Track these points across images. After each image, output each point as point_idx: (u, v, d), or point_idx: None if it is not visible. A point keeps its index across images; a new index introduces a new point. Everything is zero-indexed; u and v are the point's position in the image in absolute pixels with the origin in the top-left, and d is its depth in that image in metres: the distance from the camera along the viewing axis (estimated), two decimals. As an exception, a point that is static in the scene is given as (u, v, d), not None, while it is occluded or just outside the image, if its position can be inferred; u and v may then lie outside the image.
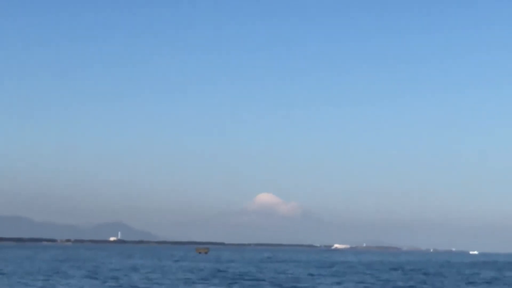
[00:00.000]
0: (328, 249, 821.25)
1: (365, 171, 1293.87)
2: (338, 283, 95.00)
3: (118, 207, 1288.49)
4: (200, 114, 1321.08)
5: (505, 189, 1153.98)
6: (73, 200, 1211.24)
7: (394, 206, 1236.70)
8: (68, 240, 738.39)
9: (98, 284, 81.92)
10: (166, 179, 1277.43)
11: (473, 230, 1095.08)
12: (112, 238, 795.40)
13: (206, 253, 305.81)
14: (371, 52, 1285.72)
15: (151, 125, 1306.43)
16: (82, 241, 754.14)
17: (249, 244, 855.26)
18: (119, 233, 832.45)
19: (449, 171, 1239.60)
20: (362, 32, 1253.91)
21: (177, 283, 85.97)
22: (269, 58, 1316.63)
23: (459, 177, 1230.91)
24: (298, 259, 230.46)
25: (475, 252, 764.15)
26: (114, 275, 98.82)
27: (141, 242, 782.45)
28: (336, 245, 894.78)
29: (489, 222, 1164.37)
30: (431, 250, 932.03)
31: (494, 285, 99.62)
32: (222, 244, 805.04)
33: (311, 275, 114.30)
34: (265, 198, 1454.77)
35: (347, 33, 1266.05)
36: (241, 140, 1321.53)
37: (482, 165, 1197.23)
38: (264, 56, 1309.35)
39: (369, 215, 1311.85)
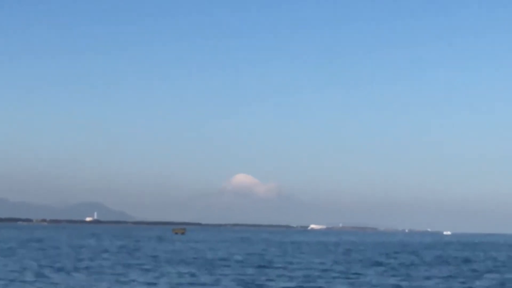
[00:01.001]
0: (304, 229, 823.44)
1: (342, 152, 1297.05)
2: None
3: (95, 187, 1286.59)
4: (177, 96, 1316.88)
5: (478, 172, 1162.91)
6: (50, 180, 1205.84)
7: (370, 187, 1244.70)
8: (43, 220, 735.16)
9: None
10: (143, 160, 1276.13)
11: (448, 212, 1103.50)
12: (88, 219, 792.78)
13: (183, 233, 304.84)
14: (352, 35, 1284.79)
15: (128, 106, 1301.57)
16: (58, 221, 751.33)
17: (226, 225, 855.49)
18: (95, 213, 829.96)
19: (425, 153, 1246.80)
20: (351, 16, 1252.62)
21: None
22: (251, 42, 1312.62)
23: (435, 159, 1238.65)
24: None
25: (448, 233, 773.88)
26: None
27: (117, 222, 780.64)
28: (313, 226, 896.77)
29: (463, 204, 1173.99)
30: (407, 231, 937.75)
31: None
32: (199, 224, 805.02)
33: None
34: (242, 179, 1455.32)
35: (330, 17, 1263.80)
36: (218, 121, 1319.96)
37: (457, 148, 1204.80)
38: (246, 41, 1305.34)
39: (346, 196, 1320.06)
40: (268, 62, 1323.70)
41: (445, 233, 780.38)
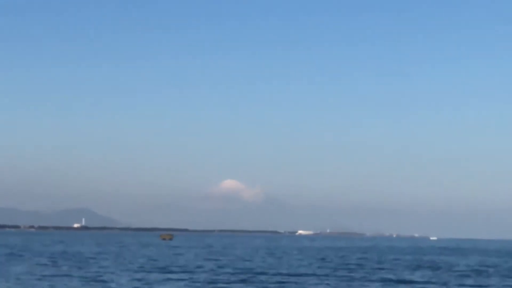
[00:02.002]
0: (292, 235, 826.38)
1: (329, 156, 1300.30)
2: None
3: (83, 193, 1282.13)
4: (162, 100, 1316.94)
5: (467, 177, 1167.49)
6: (37, 186, 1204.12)
7: (358, 192, 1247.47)
8: (31, 227, 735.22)
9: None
10: (131, 165, 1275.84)
11: (435, 217, 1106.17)
12: (76, 225, 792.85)
13: (170, 239, 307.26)
14: (328, 30, 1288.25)
15: (116, 112, 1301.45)
16: (45, 227, 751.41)
17: (213, 231, 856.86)
18: (83, 219, 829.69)
19: (412, 158, 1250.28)
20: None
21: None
22: (237, 46, 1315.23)
23: (422, 164, 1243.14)
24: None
25: (435, 238, 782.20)
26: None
27: (104, 228, 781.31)
28: (300, 231, 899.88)
29: (451, 209, 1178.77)
30: (394, 236, 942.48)
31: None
32: (186, 230, 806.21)
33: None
34: (229, 184, 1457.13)
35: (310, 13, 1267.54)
36: (205, 125, 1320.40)
37: (445, 152, 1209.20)
38: (235, 52, 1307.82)
39: (333, 201, 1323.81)
40: (254, 65, 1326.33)
41: (431, 238, 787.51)
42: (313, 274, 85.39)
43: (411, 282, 78.74)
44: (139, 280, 73.31)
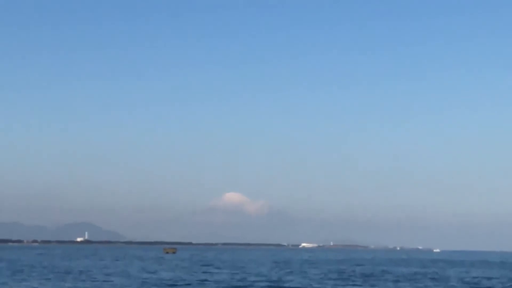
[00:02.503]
0: (295, 248, 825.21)
1: (333, 169, 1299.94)
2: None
3: (86, 207, 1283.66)
4: (165, 114, 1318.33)
5: (471, 189, 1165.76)
6: (41, 201, 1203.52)
7: (362, 205, 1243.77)
8: (34, 241, 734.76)
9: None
10: (133, 179, 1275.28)
11: (440, 229, 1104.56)
12: (79, 239, 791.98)
13: (174, 253, 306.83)
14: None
15: (119, 127, 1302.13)
16: (49, 242, 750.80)
17: (217, 244, 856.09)
18: (86, 233, 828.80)
19: (416, 171, 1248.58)
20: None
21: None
22: (238, 71, 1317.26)
23: (426, 177, 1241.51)
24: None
25: (438, 250, 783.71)
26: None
27: (108, 242, 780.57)
28: (304, 244, 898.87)
29: (456, 221, 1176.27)
30: (398, 248, 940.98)
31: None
32: (190, 244, 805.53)
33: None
34: (232, 197, 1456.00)
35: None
36: (208, 138, 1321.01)
37: (450, 164, 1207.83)
38: (233, 70, 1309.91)
39: (337, 214, 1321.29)
40: (258, 78, 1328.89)
41: (434, 250, 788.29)
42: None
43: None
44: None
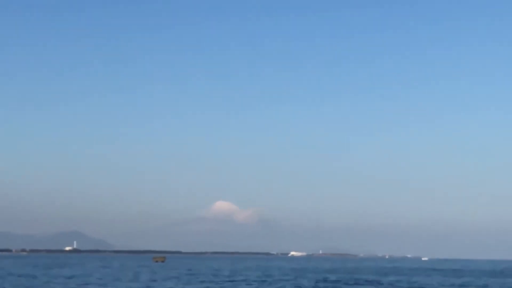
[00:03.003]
0: (284, 256, 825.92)
1: (322, 178, 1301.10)
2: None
3: (74, 216, 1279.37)
4: (154, 124, 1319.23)
5: (460, 199, 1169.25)
6: (30, 210, 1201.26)
7: (351, 214, 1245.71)
8: (23, 250, 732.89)
9: None
10: (123, 189, 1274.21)
11: (428, 238, 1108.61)
12: (67, 248, 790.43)
13: (163, 261, 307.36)
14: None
15: (107, 135, 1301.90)
16: (37, 250, 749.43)
17: (206, 253, 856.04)
18: (75, 242, 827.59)
19: (405, 180, 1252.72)
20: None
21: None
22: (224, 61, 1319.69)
23: (415, 187, 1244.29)
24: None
25: (426, 259, 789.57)
26: None
27: (96, 251, 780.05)
28: (293, 253, 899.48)
29: (444, 230, 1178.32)
30: (387, 257, 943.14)
31: None
32: (179, 252, 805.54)
33: None
34: (222, 206, 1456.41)
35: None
36: (197, 148, 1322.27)
37: (439, 172, 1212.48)
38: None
39: (326, 223, 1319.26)
40: (245, 89, 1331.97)
41: (423, 259, 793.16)
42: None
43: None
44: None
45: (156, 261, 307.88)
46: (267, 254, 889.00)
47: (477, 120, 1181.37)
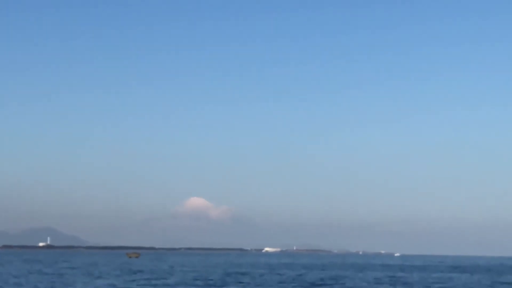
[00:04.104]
0: (258, 252, 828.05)
1: (296, 174, 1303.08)
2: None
3: (48, 212, 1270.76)
4: (130, 118, 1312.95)
5: (434, 194, 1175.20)
6: (2, 206, 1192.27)
7: (325, 210, 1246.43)
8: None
9: None
10: (96, 184, 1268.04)
11: (401, 234, 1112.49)
12: (41, 244, 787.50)
13: (137, 257, 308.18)
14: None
15: (81, 130, 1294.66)
16: (10, 246, 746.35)
17: (180, 248, 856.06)
18: (48, 238, 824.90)
19: (378, 176, 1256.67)
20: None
21: None
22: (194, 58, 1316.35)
23: (389, 183, 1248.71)
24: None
25: (398, 254, 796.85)
26: None
27: (70, 247, 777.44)
28: (267, 249, 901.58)
29: (417, 226, 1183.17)
30: (361, 253, 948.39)
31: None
32: (153, 248, 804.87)
33: None
34: (195, 202, 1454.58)
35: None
36: (171, 144, 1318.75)
37: (411, 169, 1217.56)
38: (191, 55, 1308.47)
39: (300, 219, 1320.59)
40: (219, 87, 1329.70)
41: (395, 255, 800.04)
42: None
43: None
44: None
45: (130, 257, 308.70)
46: (241, 250, 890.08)
47: (451, 118, 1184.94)
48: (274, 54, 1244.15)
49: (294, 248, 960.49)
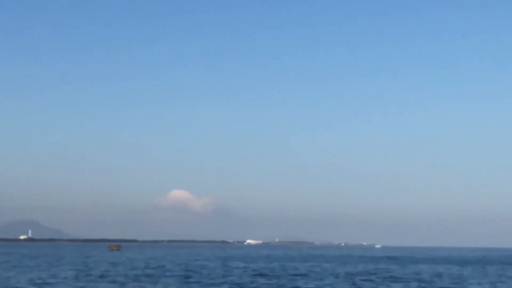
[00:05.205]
0: (241, 244, 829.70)
1: (277, 166, 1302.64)
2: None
3: (30, 205, 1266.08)
4: (109, 109, 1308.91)
5: (414, 186, 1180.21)
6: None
7: (308, 202, 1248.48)
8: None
9: None
10: (78, 177, 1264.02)
11: (383, 226, 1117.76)
12: (22, 237, 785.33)
13: (118, 250, 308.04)
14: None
15: (61, 123, 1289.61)
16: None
17: (162, 241, 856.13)
18: (30, 231, 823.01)
19: (361, 167, 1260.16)
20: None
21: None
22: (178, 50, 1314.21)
23: (370, 175, 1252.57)
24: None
25: (379, 246, 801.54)
26: None
27: (52, 240, 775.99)
28: (249, 241, 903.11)
29: (398, 218, 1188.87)
30: (343, 244, 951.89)
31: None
32: (135, 241, 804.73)
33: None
34: (177, 194, 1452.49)
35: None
36: (153, 136, 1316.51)
37: (392, 161, 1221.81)
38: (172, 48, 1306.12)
39: (282, 211, 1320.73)
40: (201, 78, 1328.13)
41: (376, 246, 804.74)
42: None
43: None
44: None
45: (112, 250, 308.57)
46: (223, 242, 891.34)
47: (425, 111, 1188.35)
48: (256, 44, 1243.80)
49: (276, 240, 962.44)
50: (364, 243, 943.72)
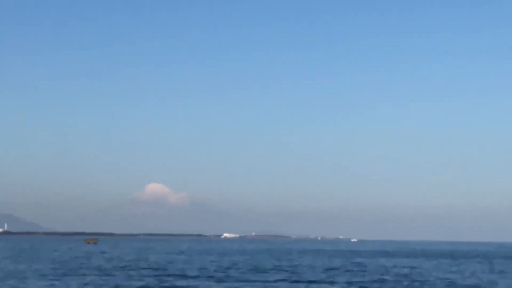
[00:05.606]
0: (217, 238, 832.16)
1: (254, 160, 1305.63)
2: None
3: (5, 199, 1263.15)
4: (86, 102, 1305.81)
5: (392, 182, 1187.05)
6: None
7: (284, 196, 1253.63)
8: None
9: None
10: (54, 170, 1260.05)
11: (360, 219, 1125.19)
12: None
13: (95, 243, 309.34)
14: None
15: (39, 118, 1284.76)
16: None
17: (139, 234, 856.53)
18: (6, 224, 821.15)
19: (337, 162, 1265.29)
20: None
21: None
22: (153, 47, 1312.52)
23: (347, 169, 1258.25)
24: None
25: (355, 240, 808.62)
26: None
27: (28, 233, 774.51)
28: (226, 234, 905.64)
29: (376, 212, 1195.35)
30: (319, 238, 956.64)
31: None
32: (112, 234, 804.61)
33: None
34: (154, 188, 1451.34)
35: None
36: (129, 130, 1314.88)
37: (369, 159, 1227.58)
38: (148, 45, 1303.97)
39: (259, 205, 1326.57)
40: (183, 74, 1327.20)
41: (352, 240, 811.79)
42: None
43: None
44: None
45: (88, 243, 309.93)
46: (200, 235, 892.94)
47: (410, 110, 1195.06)
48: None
49: (253, 234, 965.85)
50: (341, 237, 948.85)
